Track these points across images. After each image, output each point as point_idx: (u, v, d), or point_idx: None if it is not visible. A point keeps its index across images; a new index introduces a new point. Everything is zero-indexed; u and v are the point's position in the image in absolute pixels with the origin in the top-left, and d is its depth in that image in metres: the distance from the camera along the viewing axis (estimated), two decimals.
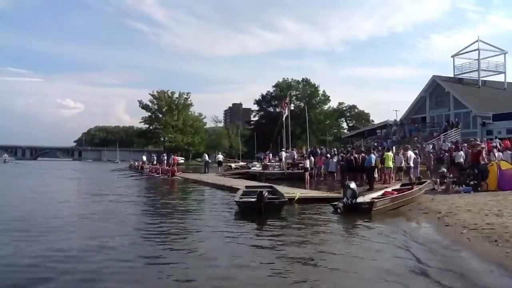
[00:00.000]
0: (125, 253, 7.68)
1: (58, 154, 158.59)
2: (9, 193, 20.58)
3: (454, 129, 32.93)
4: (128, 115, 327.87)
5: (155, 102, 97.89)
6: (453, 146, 22.10)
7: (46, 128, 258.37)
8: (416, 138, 33.44)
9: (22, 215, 12.22)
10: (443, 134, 31.91)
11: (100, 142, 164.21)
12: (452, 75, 42.17)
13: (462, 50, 42.30)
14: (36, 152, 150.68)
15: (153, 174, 34.87)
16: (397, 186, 16.18)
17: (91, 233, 9.63)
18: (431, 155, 21.48)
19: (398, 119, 45.26)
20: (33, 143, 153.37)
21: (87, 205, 15.25)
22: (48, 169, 53.42)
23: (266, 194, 12.64)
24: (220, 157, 41.95)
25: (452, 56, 42.73)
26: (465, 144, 20.80)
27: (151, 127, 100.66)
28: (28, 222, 11.09)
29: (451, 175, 17.62)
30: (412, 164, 19.43)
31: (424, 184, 15.64)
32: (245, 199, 13.78)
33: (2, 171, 44.90)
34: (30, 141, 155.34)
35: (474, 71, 41.40)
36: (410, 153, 20.05)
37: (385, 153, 20.77)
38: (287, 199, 13.66)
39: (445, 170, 17.84)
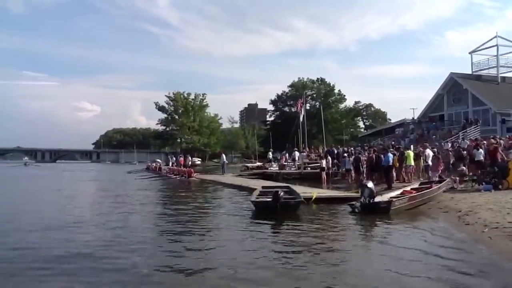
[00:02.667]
0: (142, 250, 7.85)
1: (76, 156, 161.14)
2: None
3: (473, 127, 32.43)
4: (144, 117, 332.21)
5: (171, 104, 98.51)
6: (473, 144, 21.77)
7: (64, 131, 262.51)
8: (434, 137, 33.06)
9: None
10: (461, 132, 31.45)
11: (117, 144, 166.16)
12: (470, 72, 41.53)
13: (480, 46, 41.58)
14: (56, 155, 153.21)
15: (170, 175, 35.03)
16: (416, 185, 16.01)
17: (116, 229, 9.82)
18: (450, 153, 21.19)
19: (415, 118, 44.81)
20: (52, 146, 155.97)
21: (111, 204, 15.61)
22: (70, 171, 54.50)
23: (282, 194, 12.64)
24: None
25: (470, 53, 42.06)
26: (485, 142, 20.47)
27: (167, 129, 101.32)
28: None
29: (471, 173, 17.39)
30: (430, 163, 19.22)
31: (443, 182, 15.45)
32: (261, 199, 13.81)
33: (27, 174, 45.67)
34: (49, 144, 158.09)
35: (492, 67, 40.66)
36: (429, 152, 19.83)
37: (406, 151, 20.54)
38: (303, 199, 13.58)
39: (464, 168, 17.61)
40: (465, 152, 19.91)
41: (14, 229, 10.45)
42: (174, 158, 47.10)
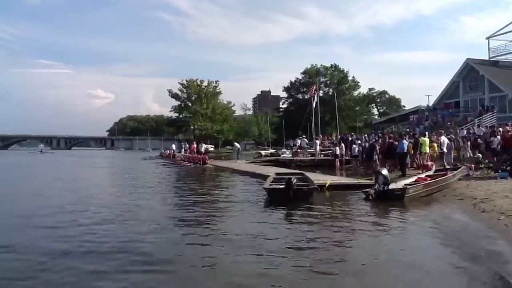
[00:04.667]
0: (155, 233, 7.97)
1: (91, 143, 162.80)
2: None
3: (489, 114, 31.95)
4: (157, 104, 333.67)
5: (185, 91, 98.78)
6: (489, 131, 21.51)
7: (79, 118, 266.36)
8: (449, 123, 32.68)
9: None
10: (477, 119, 31.01)
11: (131, 131, 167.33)
12: (487, 58, 40.79)
13: (497, 31, 40.74)
14: (71, 142, 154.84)
15: (184, 162, 35.06)
16: (431, 172, 15.91)
17: (134, 213, 9.96)
18: (466, 140, 20.99)
19: (430, 104, 44.30)
20: (67, 133, 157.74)
21: (131, 189, 15.83)
22: (88, 158, 55.21)
23: (295, 180, 12.65)
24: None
25: (487, 38, 41.25)
26: (501, 129, 20.19)
27: (181, 116, 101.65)
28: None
29: (487, 161, 17.22)
30: (445, 150, 19.07)
31: (459, 170, 15.33)
32: (274, 186, 13.85)
33: (48, 162, 46.31)
34: (64, 131, 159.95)
35: (510, 53, 39.93)
36: (444, 139, 19.66)
37: (421, 138, 20.38)
38: (316, 186, 13.59)
39: (480, 155, 17.44)
40: (480, 139, 19.73)
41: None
42: (187, 145, 47.36)
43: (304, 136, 35.37)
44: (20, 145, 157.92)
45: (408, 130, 31.24)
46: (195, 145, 41.29)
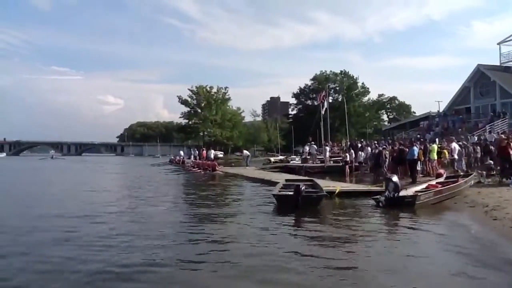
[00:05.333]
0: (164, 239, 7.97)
1: (101, 149, 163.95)
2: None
3: (500, 120, 31.65)
4: (167, 110, 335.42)
5: (194, 97, 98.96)
6: (500, 138, 21.27)
7: (89, 124, 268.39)
8: (460, 130, 32.42)
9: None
10: (488, 125, 30.74)
11: (141, 137, 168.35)
12: (498, 63, 40.47)
13: (508, 37, 40.42)
14: (81, 148, 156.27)
15: (194, 169, 34.87)
16: (442, 179, 15.78)
17: (146, 218, 10.02)
18: (476, 146, 20.79)
19: (441, 110, 44.02)
20: (78, 139, 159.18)
21: (141, 196, 15.91)
22: (99, 163, 55.53)
23: (304, 187, 12.60)
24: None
25: (498, 43, 40.94)
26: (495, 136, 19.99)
27: (190, 122, 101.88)
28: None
29: (498, 168, 17.03)
30: (456, 156, 18.92)
31: (470, 176, 15.19)
32: (283, 192, 13.82)
33: (61, 168, 46.69)
34: (74, 137, 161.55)
35: None
36: (454, 145, 19.52)
37: (431, 145, 20.26)
38: (325, 193, 13.56)
39: (491, 162, 17.26)
40: (491, 146, 19.51)
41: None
42: (197, 152, 47.44)
43: (313, 142, 35.25)
44: (31, 151, 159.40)
45: (418, 136, 31.02)
46: (205, 152, 41.34)
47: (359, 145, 28.89)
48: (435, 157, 19.35)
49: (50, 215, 11.54)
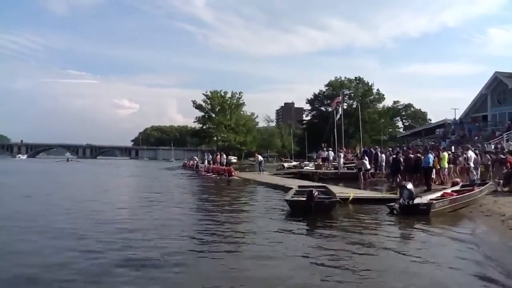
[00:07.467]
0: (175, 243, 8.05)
1: (116, 153, 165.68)
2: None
3: None
4: (181, 115, 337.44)
5: (208, 102, 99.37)
6: None
7: (104, 128, 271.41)
8: (476, 138, 32.04)
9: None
10: (506, 133, 30.32)
11: (155, 141, 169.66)
12: None
13: None
14: (96, 151, 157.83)
15: (208, 173, 34.74)
16: (457, 187, 15.62)
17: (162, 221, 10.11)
18: (493, 155, 20.52)
19: (457, 118, 43.57)
20: (93, 142, 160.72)
21: (158, 199, 16.05)
22: (115, 166, 55.99)
23: (317, 193, 12.59)
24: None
25: None
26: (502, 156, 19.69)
27: (204, 127, 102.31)
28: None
29: None
30: (472, 165, 18.71)
31: (486, 185, 15.02)
32: (295, 198, 13.83)
33: (73, 170, 47.25)
34: (89, 140, 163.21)
35: None
36: (470, 153, 19.31)
37: (442, 153, 20.12)
38: (338, 199, 13.54)
39: (509, 170, 17.02)
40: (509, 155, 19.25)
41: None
42: (210, 156, 47.57)
43: (330, 148, 35.09)
44: (47, 153, 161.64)
45: (434, 144, 30.74)
46: (219, 156, 41.41)
47: (374, 152, 28.65)
48: (446, 165, 19.24)
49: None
